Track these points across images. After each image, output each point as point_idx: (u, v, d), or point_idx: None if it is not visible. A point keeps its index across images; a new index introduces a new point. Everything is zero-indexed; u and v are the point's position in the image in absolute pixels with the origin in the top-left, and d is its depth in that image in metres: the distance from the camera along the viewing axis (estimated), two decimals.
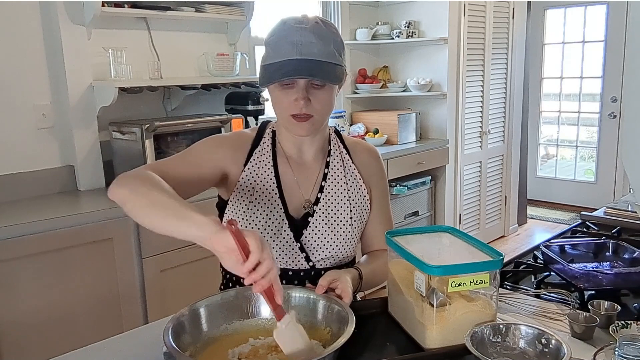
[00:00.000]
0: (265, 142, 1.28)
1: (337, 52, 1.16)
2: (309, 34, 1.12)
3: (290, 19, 1.16)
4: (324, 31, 1.14)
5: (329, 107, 1.21)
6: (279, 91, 1.17)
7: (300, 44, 1.11)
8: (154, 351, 1.04)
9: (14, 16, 2.28)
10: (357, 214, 1.31)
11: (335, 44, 1.16)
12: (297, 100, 1.14)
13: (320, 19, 1.17)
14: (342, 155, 1.33)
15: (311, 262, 1.25)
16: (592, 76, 5.27)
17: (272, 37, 1.17)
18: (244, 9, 2.90)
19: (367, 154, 1.37)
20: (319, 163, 1.31)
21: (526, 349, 0.97)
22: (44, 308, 1.99)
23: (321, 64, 1.12)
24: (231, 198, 1.24)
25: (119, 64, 2.47)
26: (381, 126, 3.73)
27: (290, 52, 1.12)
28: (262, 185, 1.24)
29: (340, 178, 1.31)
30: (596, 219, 1.99)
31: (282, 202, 1.24)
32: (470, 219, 4.31)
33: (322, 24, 1.15)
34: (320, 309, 1.08)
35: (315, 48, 1.12)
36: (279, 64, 1.13)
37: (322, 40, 1.13)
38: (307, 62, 1.12)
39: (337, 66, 1.16)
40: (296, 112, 1.16)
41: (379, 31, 3.89)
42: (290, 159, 1.28)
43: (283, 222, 1.23)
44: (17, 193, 2.32)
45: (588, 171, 5.53)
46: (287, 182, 1.26)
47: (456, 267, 0.98)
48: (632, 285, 1.29)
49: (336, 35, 1.18)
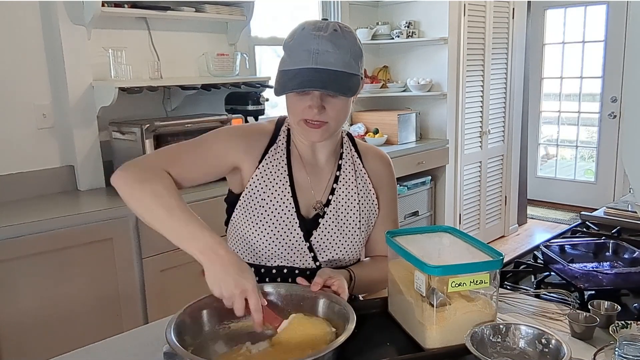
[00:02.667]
0: (281, 141, 1.28)
1: (354, 61, 1.16)
2: (326, 42, 1.11)
3: (310, 24, 1.15)
4: (341, 39, 1.13)
5: (344, 115, 1.20)
6: (293, 97, 1.17)
7: (316, 53, 1.11)
8: (154, 351, 1.05)
9: (14, 16, 2.28)
10: (365, 217, 1.31)
11: (353, 52, 1.15)
12: (311, 108, 1.14)
13: (340, 25, 1.16)
14: (353, 158, 1.33)
15: (318, 262, 1.26)
16: (592, 76, 5.27)
17: (290, 42, 1.16)
18: (244, 9, 2.90)
19: (378, 160, 1.37)
20: (331, 165, 1.31)
21: (526, 349, 0.97)
22: (44, 308, 1.99)
23: (336, 75, 1.12)
24: (243, 194, 1.24)
25: (119, 64, 2.47)
26: (381, 126, 3.73)
27: (306, 61, 1.12)
28: (275, 184, 1.24)
29: (351, 181, 1.31)
30: (596, 219, 1.99)
31: (294, 202, 1.24)
32: (470, 219, 4.31)
33: (340, 32, 1.14)
34: (320, 307, 1.08)
35: (332, 57, 1.12)
36: (294, 72, 1.13)
37: (339, 50, 1.12)
38: (322, 72, 1.11)
39: (352, 76, 1.15)
40: (309, 117, 1.16)
41: (379, 31, 3.89)
42: (304, 160, 1.28)
43: (294, 221, 1.23)
44: (17, 193, 2.32)
45: (588, 171, 5.53)
46: (300, 183, 1.26)
47: (456, 267, 0.98)
48: (632, 285, 1.29)
49: (354, 44, 1.16)
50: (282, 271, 1.25)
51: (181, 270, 2.31)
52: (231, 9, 2.86)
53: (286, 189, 1.24)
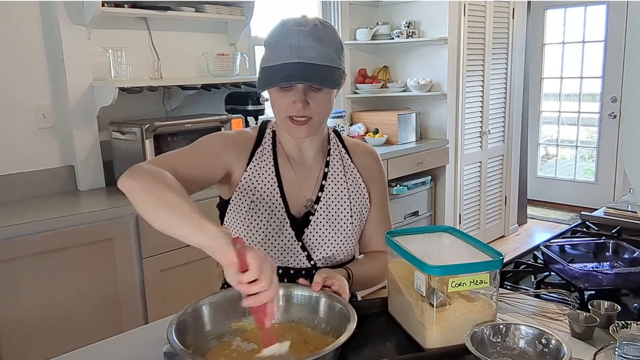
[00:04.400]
0: (266, 142, 1.29)
1: (336, 54, 1.17)
2: (307, 37, 1.12)
3: (290, 20, 1.16)
4: (322, 34, 1.14)
5: (328, 109, 1.21)
6: (277, 93, 1.17)
7: (298, 47, 1.12)
8: (154, 351, 1.04)
9: (14, 16, 2.28)
10: (357, 213, 1.31)
11: (334, 46, 1.16)
12: (295, 103, 1.15)
13: (320, 20, 1.17)
14: (341, 154, 1.34)
15: (312, 261, 1.26)
16: (592, 76, 5.27)
17: (272, 39, 1.17)
18: (244, 9, 2.90)
19: (366, 155, 1.38)
20: (319, 162, 1.31)
21: (526, 349, 0.97)
22: (44, 308, 1.99)
23: (319, 68, 1.13)
24: (233, 198, 1.25)
25: (119, 64, 2.47)
26: (381, 126, 3.73)
27: (289, 56, 1.12)
28: (263, 185, 1.25)
29: (340, 177, 1.31)
30: (596, 219, 1.99)
31: (283, 202, 1.24)
32: (470, 219, 4.31)
33: (320, 27, 1.15)
34: (321, 306, 1.08)
35: (314, 52, 1.12)
36: (277, 67, 1.13)
37: (321, 44, 1.13)
38: (305, 66, 1.12)
39: (335, 69, 1.16)
40: (294, 113, 1.16)
41: (379, 31, 3.89)
42: (291, 159, 1.29)
43: (285, 221, 1.23)
44: (17, 193, 2.32)
45: (588, 171, 5.53)
46: (288, 182, 1.27)
47: (456, 267, 0.98)
48: (632, 285, 1.29)
49: (335, 38, 1.18)
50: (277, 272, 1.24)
51: (181, 270, 2.31)
52: (231, 9, 2.86)
53: (274, 189, 1.25)
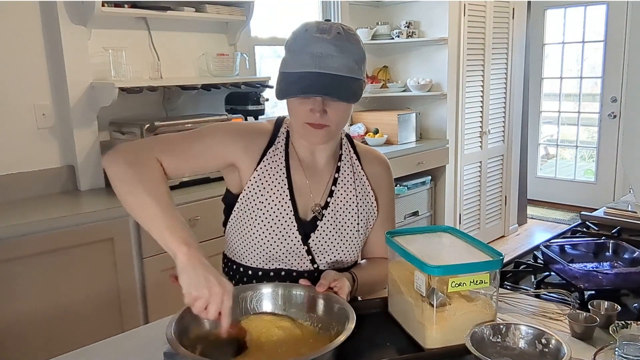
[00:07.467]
0: (280, 142, 1.27)
1: (357, 65, 1.14)
2: (329, 45, 1.10)
3: (312, 26, 1.14)
4: (345, 43, 1.12)
5: (345, 118, 1.20)
6: (295, 100, 1.15)
7: (319, 56, 1.09)
8: (154, 351, 1.04)
9: (14, 16, 2.28)
10: (364, 220, 1.31)
11: (356, 56, 1.14)
12: (313, 112, 1.13)
13: (343, 27, 1.14)
14: (352, 160, 1.33)
15: (316, 265, 1.26)
16: (592, 76, 5.27)
17: (293, 43, 1.15)
18: (244, 9, 2.90)
19: (377, 163, 1.36)
20: (331, 167, 1.30)
21: (526, 349, 0.97)
22: (44, 308, 1.99)
23: (339, 79, 1.10)
24: (241, 197, 1.24)
25: (119, 64, 2.47)
26: (381, 126, 3.73)
27: (309, 65, 1.10)
28: (273, 186, 1.23)
29: (350, 183, 1.30)
30: (596, 219, 1.99)
31: (292, 205, 1.23)
32: (470, 219, 4.31)
33: (344, 35, 1.13)
34: (320, 306, 1.08)
35: (336, 62, 1.10)
36: (297, 76, 1.12)
37: (343, 54, 1.11)
38: (325, 77, 1.10)
39: (355, 81, 1.14)
40: (312, 121, 1.15)
41: (379, 31, 3.89)
42: (303, 162, 1.27)
43: (292, 224, 1.22)
44: (17, 193, 2.32)
45: (588, 171, 5.53)
46: (299, 185, 1.25)
47: (456, 267, 0.98)
48: (632, 285, 1.29)
49: (358, 47, 1.15)
50: (279, 274, 1.25)
51: None
52: (231, 9, 2.86)
53: (284, 192, 1.23)
